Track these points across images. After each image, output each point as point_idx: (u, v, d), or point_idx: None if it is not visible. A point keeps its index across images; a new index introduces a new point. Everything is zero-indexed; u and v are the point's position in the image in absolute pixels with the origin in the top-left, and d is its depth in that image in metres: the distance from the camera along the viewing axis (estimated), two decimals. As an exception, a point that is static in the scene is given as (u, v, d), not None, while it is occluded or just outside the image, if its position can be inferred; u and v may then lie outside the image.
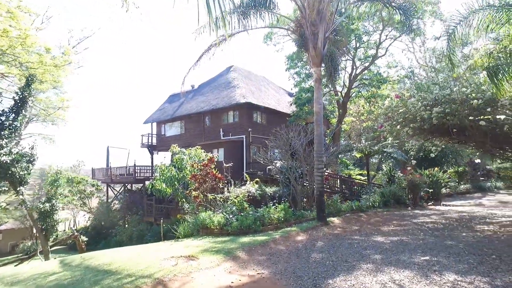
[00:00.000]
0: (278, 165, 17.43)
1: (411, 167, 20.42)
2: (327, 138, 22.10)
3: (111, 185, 31.57)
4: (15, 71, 14.81)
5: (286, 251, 7.34)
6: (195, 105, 29.71)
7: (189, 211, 12.17)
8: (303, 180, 15.40)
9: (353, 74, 23.90)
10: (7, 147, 14.95)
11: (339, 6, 13.42)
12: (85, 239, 19.58)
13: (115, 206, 29.89)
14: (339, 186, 19.78)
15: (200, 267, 6.02)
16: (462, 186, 25.91)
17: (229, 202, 11.46)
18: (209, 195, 11.57)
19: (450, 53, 7.64)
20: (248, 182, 16.91)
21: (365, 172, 26.11)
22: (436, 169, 19.59)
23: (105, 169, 31.10)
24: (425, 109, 8.79)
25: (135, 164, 28.15)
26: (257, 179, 17.35)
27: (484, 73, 7.98)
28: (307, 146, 15.57)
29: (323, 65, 12.40)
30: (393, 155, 19.96)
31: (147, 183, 26.80)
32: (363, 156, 24.37)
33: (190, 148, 18.85)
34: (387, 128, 10.46)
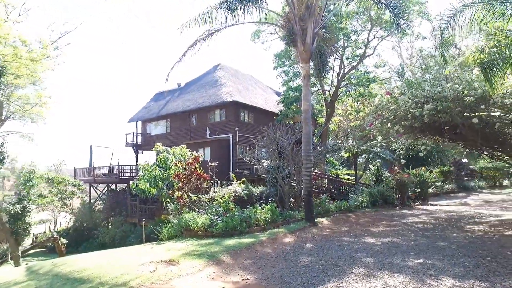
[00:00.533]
0: (265, 164, 17.09)
1: (397, 167, 20.37)
2: (314, 137, 21.86)
3: (94, 185, 30.67)
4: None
5: (273, 254, 6.97)
6: (181, 104, 29.14)
7: (173, 212, 11.70)
8: (291, 180, 15.09)
9: (341, 73, 23.74)
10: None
11: (328, 2, 13.16)
12: (64, 241, 18.76)
13: (98, 206, 29.00)
14: (327, 186, 19.56)
15: (180, 273, 5.58)
16: (447, 185, 26.09)
17: (214, 202, 11.02)
18: (193, 195, 11.10)
19: (442, 48, 7.42)
20: (234, 182, 16.50)
21: (353, 172, 26.03)
22: (423, 168, 19.58)
23: (88, 169, 30.19)
24: (416, 106, 8.56)
25: (119, 163, 27.36)
26: (244, 179, 16.94)
27: (476, 70, 7.80)
28: (294, 145, 15.27)
29: (311, 62, 12.10)
30: (381, 154, 19.85)
31: (131, 183, 26.10)
32: (350, 156, 24.27)
33: (175, 147, 18.33)
34: (377, 126, 10.22)
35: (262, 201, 13.45)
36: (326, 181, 19.87)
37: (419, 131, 9.56)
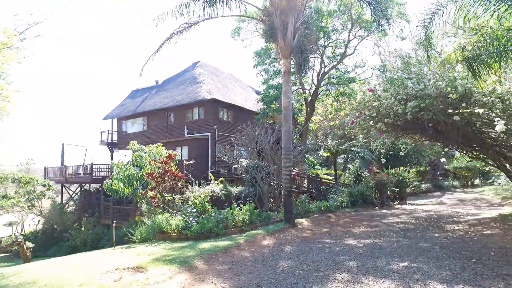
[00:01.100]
0: (244, 164, 16.67)
1: (376, 167, 20.42)
2: (294, 136, 21.58)
3: (67, 185, 29.29)
4: None
5: (250, 258, 6.53)
6: (158, 101, 28.29)
7: (147, 213, 11.08)
8: (270, 179, 14.74)
9: (322, 72, 23.59)
10: None
11: (309, -3, 12.86)
12: (30, 245, 17.65)
13: (70, 207, 27.68)
14: (306, 185, 19.33)
15: (148, 282, 5.06)
16: (423, 185, 26.54)
17: (190, 203, 10.48)
18: (167, 195, 10.52)
19: (427, 43, 7.23)
20: (212, 181, 15.99)
21: (332, 171, 26.01)
22: (401, 168, 19.70)
23: (59, 168, 28.81)
24: (399, 104, 8.37)
25: (92, 162, 26.23)
26: (222, 179, 16.45)
27: (459, 67, 7.66)
28: (274, 144, 14.92)
29: (292, 58, 11.76)
30: (361, 154, 19.81)
31: (105, 182, 25.04)
32: (330, 155, 24.22)
33: (150, 145, 17.61)
34: (359, 123, 9.98)
35: (241, 201, 13.02)
36: (305, 180, 19.65)
37: (402, 129, 9.40)
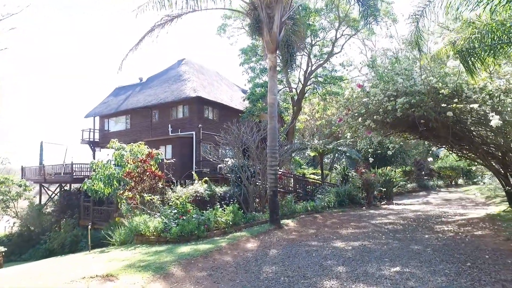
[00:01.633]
0: (229, 163, 16.20)
1: (362, 167, 20.27)
2: (280, 135, 21.23)
3: (46, 185, 28.20)
4: None
5: (233, 263, 6.09)
6: (142, 99, 27.55)
7: (126, 214, 10.51)
8: (256, 179, 14.33)
9: (309, 71, 23.34)
10: None
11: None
12: (2, 249, 16.73)
13: (49, 209, 26.58)
14: (293, 185, 18.98)
15: (117, 292, 4.56)
16: (409, 185, 26.61)
17: (170, 204, 9.95)
18: (146, 196, 9.96)
19: (417, 37, 6.94)
20: (196, 181, 15.45)
21: (319, 171, 25.75)
22: (388, 168, 19.59)
23: (38, 168, 27.69)
24: (388, 100, 8.07)
25: (72, 162, 25.31)
26: (206, 178, 15.89)
27: (450, 62, 7.41)
28: (260, 143, 14.51)
29: (278, 53, 11.36)
30: (348, 153, 19.60)
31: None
32: (317, 155, 23.93)
33: (132, 143, 16.94)
34: (348, 121, 9.65)
35: (225, 202, 12.57)
36: (292, 180, 19.30)
37: (391, 126, 9.11)
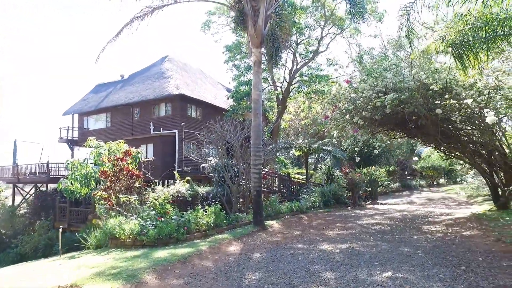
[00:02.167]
0: (212, 162, 15.71)
1: (346, 167, 20.12)
2: (265, 134, 20.86)
3: (20, 185, 26.91)
4: None
5: (213, 269, 5.64)
6: (123, 96, 26.69)
7: (102, 215, 9.90)
8: (240, 179, 13.90)
9: (294, 69, 23.06)
10: None
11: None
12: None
13: (23, 210, 25.34)
14: (277, 185, 18.64)
15: (80, 305, 4.04)
16: (392, 184, 26.71)
17: (148, 204, 9.40)
18: (122, 196, 9.38)
19: (409, 31, 6.67)
20: (178, 181, 14.89)
21: (303, 171, 25.51)
22: (373, 168, 19.48)
23: (11, 167, 26.41)
24: (377, 96, 7.78)
25: (48, 161, 24.25)
26: (188, 178, 15.35)
27: (441, 58, 7.19)
28: (244, 142, 14.08)
29: (263, 47, 10.96)
30: (333, 153, 19.39)
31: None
32: (301, 154, 23.69)
33: (110, 141, 16.21)
34: (335, 117, 9.33)
35: (208, 202, 12.10)
36: (276, 180, 18.95)
37: (379, 124, 8.85)
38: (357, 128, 9.24)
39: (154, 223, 8.30)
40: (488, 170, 10.03)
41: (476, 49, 5.60)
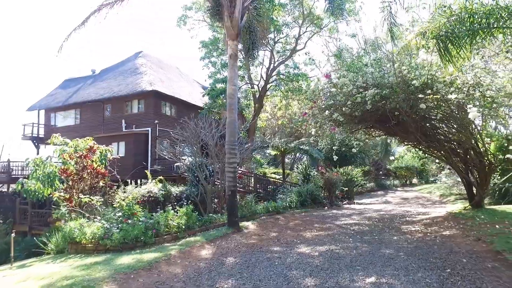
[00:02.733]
0: (186, 161, 15.10)
1: (322, 166, 20.01)
2: (241, 132, 20.40)
3: (-24, 186, 25.14)
4: None
5: (182, 276, 5.12)
6: (94, 92, 25.50)
7: (62, 218, 9.12)
8: (215, 178, 13.36)
9: (271, 67, 22.73)
10: None
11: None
12: None
13: (-22, 213, 23.59)
14: (253, 185, 18.22)
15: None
16: (368, 184, 26.95)
17: (114, 205, 8.71)
18: (83, 197, 8.65)
19: (391, 24, 6.41)
20: (150, 180, 14.17)
21: (280, 170, 25.25)
22: (349, 167, 19.45)
23: (-34, 167, 24.59)
24: (357, 91, 7.51)
25: (9, 159, 22.76)
26: (161, 177, 14.65)
27: (422, 52, 6.99)
28: (219, 140, 13.55)
29: (240, 40, 10.48)
30: (310, 152, 19.19)
31: (19, 182, 21.68)
32: (278, 154, 23.41)
33: (77, 139, 15.23)
34: (313, 113, 8.99)
35: (181, 203, 11.52)
36: (252, 180, 18.54)
37: (359, 120, 8.57)
38: (336, 125, 8.96)
39: (120, 225, 7.65)
40: (463, 169, 10.02)
41: (461, 41, 5.39)
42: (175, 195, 13.56)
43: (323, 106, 8.45)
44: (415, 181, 33.97)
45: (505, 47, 6.77)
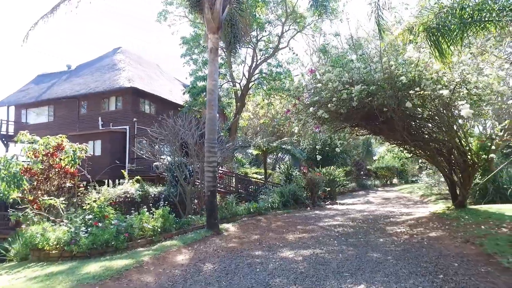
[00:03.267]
0: (165, 161, 14.52)
1: (304, 167, 19.78)
2: (222, 131, 19.91)
3: None
4: None
5: (154, 286, 4.63)
6: (69, 88, 24.40)
7: (25, 221, 8.42)
8: (194, 178, 12.85)
9: (253, 66, 22.35)
10: None
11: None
12: None
13: None
14: (234, 185, 17.77)
15: None
16: (349, 184, 26.96)
17: (84, 207, 8.08)
18: (47, 198, 7.98)
19: (378, 17, 6.13)
20: (127, 180, 13.50)
21: (262, 170, 24.90)
22: (332, 167, 19.28)
23: None
24: (343, 87, 7.20)
25: (-28, 158, 21.31)
26: (138, 177, 13.99)
27: (410, 47, 6.75)
28: (199, 139, 13.04)
29: (221, 33, 10.02)
30: (292, 152, 18.92)
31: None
32: (260, 153, 23.07)
33: (48, 136, 14.36)
34: (298, 108, 8.62)
35: (159, 204, 10.97)
36: (234, 180, 18.09)
37: (345, 118, 8.26)
38: (320, 124, 8.64)
39: (89, 229, 7.05)
40: (447, 168, 9.92)
41: (452, 33, 5.15)
42: (153, 195, 12.97)
43: (308, 102, 8.11)
44: (395, 181, 34.32)
45: (495, 43, 6.63)
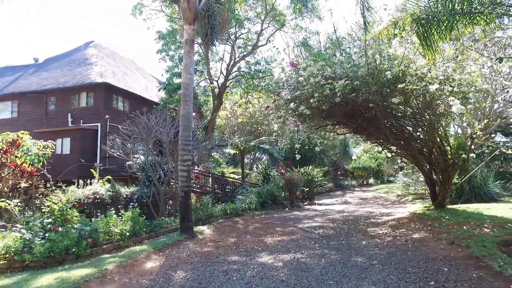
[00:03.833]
0: (139, 160, 13.81)
1: (283, 167, 19.48)
2: (199, 130, 19.28)
3: None
4: None
5: (115, 299, 4.08)
6: (36, 82, 23.02)
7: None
8: (169, 178, 12.24)
9: (232, 63, 21.85)
10: None
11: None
12: None
13: None
14: (211, 185, 17.22)
15: None
16: (327, 184, 26.95)
17: (43, 210, 7.33)
18: (-1, 200, 7.19)
19: (364, 7, 5.83)
20: (96, 180, 12.69)
21: (239, 170, 24.44)
22: (310, 167, 19.07)
23: None
24: (326, 82, 6.85)
25: None
26: (109, 177, 13.18)
27: (395, 41, 6.50)
28: (174, 137, 12.42)
29: (197, 24, 9.47)
30: (270, 151, 18.56)
31: None
32: (237, 153, 22.60)
33: (8, 133, 13.29)
34: (279, 104, 8.21)
35: (132, 205, 10.29)
36: (210, 180, 17.53)
37: (327, 115, 7.92)
38: (300, 121, 8.28)
39: (46, 234, 6.34)
40: (428, 168, 9.82)
41: (442, 25, 4.90)
42: (125, 196, 12.23)
43: (289, 97, 7.72)
44: (371, 181, 34.72)
45: (483, 37, 6.49)
